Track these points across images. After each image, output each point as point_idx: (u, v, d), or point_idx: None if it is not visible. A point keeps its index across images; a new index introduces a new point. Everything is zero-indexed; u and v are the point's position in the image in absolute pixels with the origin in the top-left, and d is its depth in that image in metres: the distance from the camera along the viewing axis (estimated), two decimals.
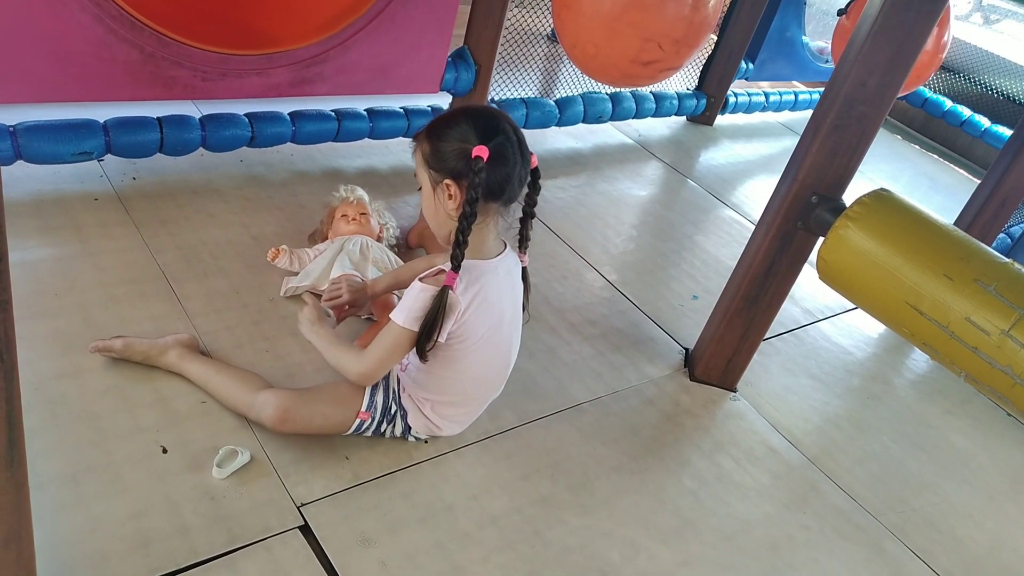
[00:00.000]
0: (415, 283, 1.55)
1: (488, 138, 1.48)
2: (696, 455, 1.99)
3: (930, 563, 1.88)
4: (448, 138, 1.51)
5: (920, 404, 2.48)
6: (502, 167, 1.50)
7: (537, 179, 1.60)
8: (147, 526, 1.42)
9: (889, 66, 1.76)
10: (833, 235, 1.79)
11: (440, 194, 1.54)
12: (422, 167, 1.57)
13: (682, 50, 2.38)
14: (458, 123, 1.52)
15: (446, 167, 1.51)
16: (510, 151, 1.50)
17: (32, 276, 1.88)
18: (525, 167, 1.55)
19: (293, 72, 2.43)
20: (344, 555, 1.48)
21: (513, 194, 1.56)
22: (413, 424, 1.71)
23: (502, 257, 1.63)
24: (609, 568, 1.62)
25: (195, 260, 2.10)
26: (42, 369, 1.65)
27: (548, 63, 4.25)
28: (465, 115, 1.54)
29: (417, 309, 1.52)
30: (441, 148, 1.51)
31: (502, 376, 1.77)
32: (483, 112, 1.57)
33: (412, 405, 1.70)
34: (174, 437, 1.60)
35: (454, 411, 1.73)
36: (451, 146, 1.50)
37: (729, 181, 3.63)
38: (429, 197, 1.58)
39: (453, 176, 1.50)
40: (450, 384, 1.67)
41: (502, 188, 1.52)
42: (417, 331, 1.53)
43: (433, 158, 1.53)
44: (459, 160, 1.49)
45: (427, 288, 1.52)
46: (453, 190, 1.51)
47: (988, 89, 4.88)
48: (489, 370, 1.71)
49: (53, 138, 2.10)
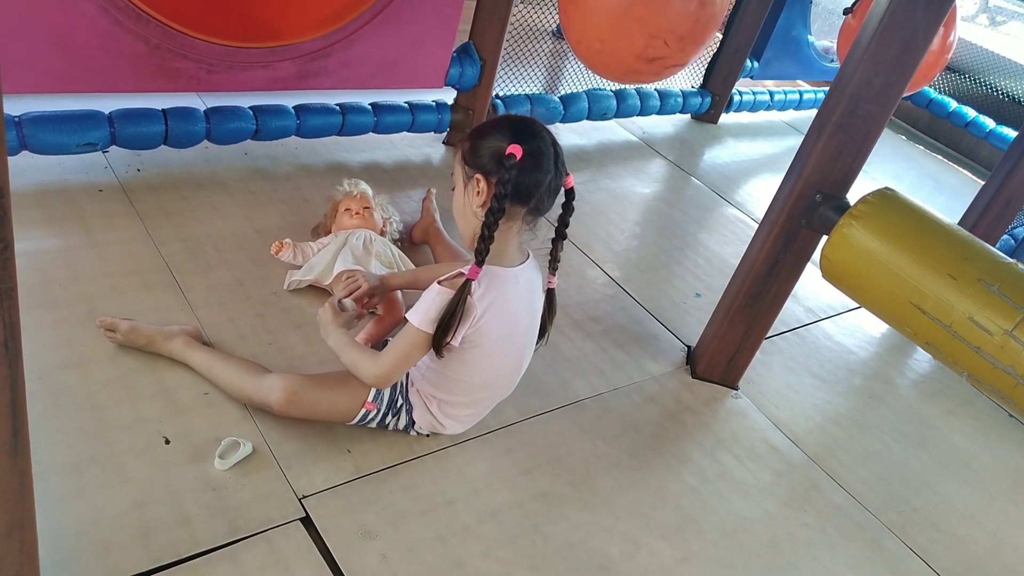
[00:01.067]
0: (433, 285, 1.54)
1: (524, 140, 1.48)
2: (697, 452, 1.99)
3: (930, 562, 1.88)
4: (488, 136, 1.52)
5: (922, 404, 2.48)
6: (534, 172, 1.50)
7: (571, 200, 1.61)
8: (149, 516, 1.43)
9: (895, 65, 1.76)
10: (837, 233, 1.79)
11: (470, 190, 1.54)
12: (459, 164, 1.58)
13: (688, 47, 2.37)
14: (500, 125, 1.54)
15: (480, 163, 1.52)
16: (545, 158, 1.51)
17: (36, 266, 1.89)
18: (558, 180, 1.55)
19: (298, 66, 2.43)
20: (345, 547, 1.48)
21: (542, 204, 1.56)
22: (418, 420, 1.72)
23: (524, 267, 1.63)
24: (609, 563, 1.63)
25: (199, 252, 2.10)
26: (46, 359, 1.66)
27: (553, 59, 4.25)
28: (509, 119, 1.57)
29: (434, 311, 1.52)
30: (479, 145, 1.52)
31: (511, 383, 1.78)
32: (527, 120, 1.58)
33: (419, 401, 1.71)
34: (176, 428, 1.61)
35: (460, 411, 1.74)
36: (489, 144, 1.51)
37: (733, 179, 3.63)
38: (460, 195, 1.58)
39: (484, 172, 1.51)
40: (458, 386, 1.67)
41: (530, 193, 1.51)
42: (431, 334, 1.53)
43: (470, 154, 1.54)
44: (493, 157, 1.49)
45: (444, 291, 1.52)
46: (482, 186, 1.51)
47: (993, 90, 4.87)
48: (498, 376, 1.72)
49: (58, 129, 2.10)
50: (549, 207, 1.59)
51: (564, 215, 1.63)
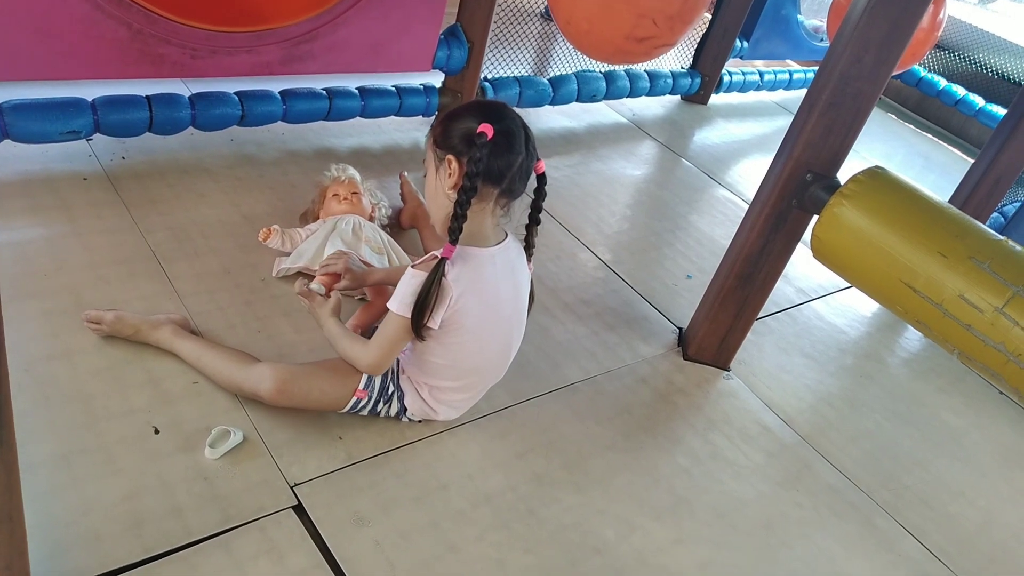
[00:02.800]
0: (408, 269, 1.55)
1: (495, 120, 1.48)
2: (689, 434, 1.99)
3: (922, 540, 1.89)
4: (458, 119, 1.52)
5: (913, 382, 2.48)
6: (506, 152, 1.49)
7: (543, 185, 1.61)
8: (140, 507, 1.42)
9: (885, 42, 1.75)
10: (827, 213, 1.78)
11: (441, 172, 1.54)
12: (430, 148, 1.58)
13: (676, 26, 2.36)
14: (471, 108, 1.54)
15: (451, 144, 1.51)
16: (516, 139, 1.51)
17: (21, 256, 1.86)
18: (529, 162, 1.55)
19: (283, 50, 2.40)
20: (338, 534, 1.48)
21: (514, 186, 1.55)
22: (409, 406, 1.71)
23: (501, 247, 1.62)
24: (603, 545, 1.63)
25: (186, 240, 2.08)
26: (32, 350, 1.64)
27: (542, 41, 4.22)
28: (480, 103, 1.59)
29: (409, 295, 1.52)
30: (450, 127, 1.52)
31: (501, 366, 1.77)
32: (498, 103, 1.58)
33: (410, 387, 1.70)
34: (166, 418, 1.60)
35: (451, 397, 1.73)
36: (459, 125, 1.51)
37: (723, 160, 3.62)
38: (432, 178, 1.58)
39: (455, 153, 1.50)
40: (446, 371, 1.67)
41: (502, 174, 1.51)
42: (409, 317, 1.52)
43: (442, 137, 1.54)
44: (463, 138, 1.49)
45: (419, 274, 1.52)
46: (453, 167, 1.51)
47: (983, 68, 4.86)
48: (485, 361, 1.71)
49: (41, 117, 2.07)
50: (522, 190, 1.58)
51: (536, 200, 1.63)
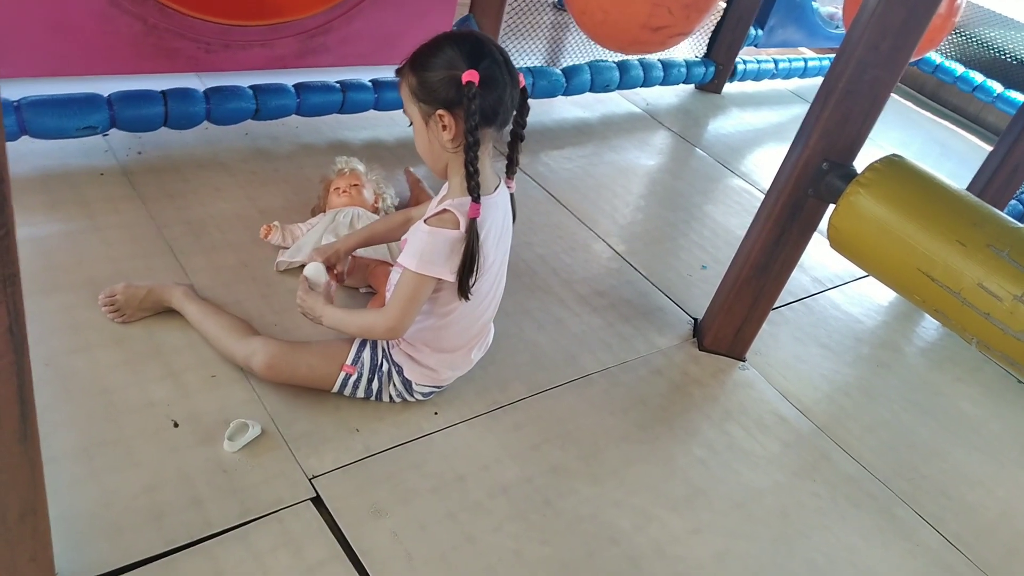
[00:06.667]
0: (419, 225, 1.54)
1: (476, 62, 1.45)
2: (706, 424, 1.99)
3: (940, 529, 1.88)
4: (434, 67, 1.48)
5: (930, 372, 2.47)
6: (493, 90, 1.48)
7: (525, 99, 1.58)
8: (160, 499, 1.43)
9: (902, 29, 1.73)
10: (844, 202, 1.77)
11: (433, 126, 1.52)
12: (411, 102, 1.53)
13: (692, 15, 2.34)
14: (442, 50, 1.48)
15: (437, 97, 1.48)
16: (499, 73, 1.48)
17: (40, 251, 1.88)
18: (515, 87, 1.53)
19: (297, 43, 2.41)
20: (356, 526, 1.49)
21: (506, 117, 1.54)
22: (412, 377, 1.70)
23: (499, 191, 1.62)
24: (620, 536, 1.63)
25: (202, 234, 2.09)
26: (54, 345, 1.66)
27: (554, 31, 4.20)
28: (449, 41, 1.50)
29: (429, 252, 1.51)
30: (428, 79, 1.48)
31: (493, 309, 1.77)
32: (467, 36, 1.53)
33: (405, 357, 1.69)
34: (185, 411, 1.61)
35: (452, 356, 1.73)
36: (438, 75, 1.47)
37: (738, 150, 3.60)
38: (421, 131, 1.55)
39: (445, 105, 1.48)
40: (438, 328, 1.66)
41: (495, 112, 1.50)
42: (432, 276, 1.53)
43: (421, 90, 1.50)
44: (449, 88, 1.46)
45: (436, 230, 1.51)
46: (447, 120, 1.49)
47: (1001, 54, 4.81)
48: (483, 303, 1.70)
49: (58, 113, 2.09)
50: (511, 116, 1.57)
51: (520, 116, 1.59)
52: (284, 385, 1.70)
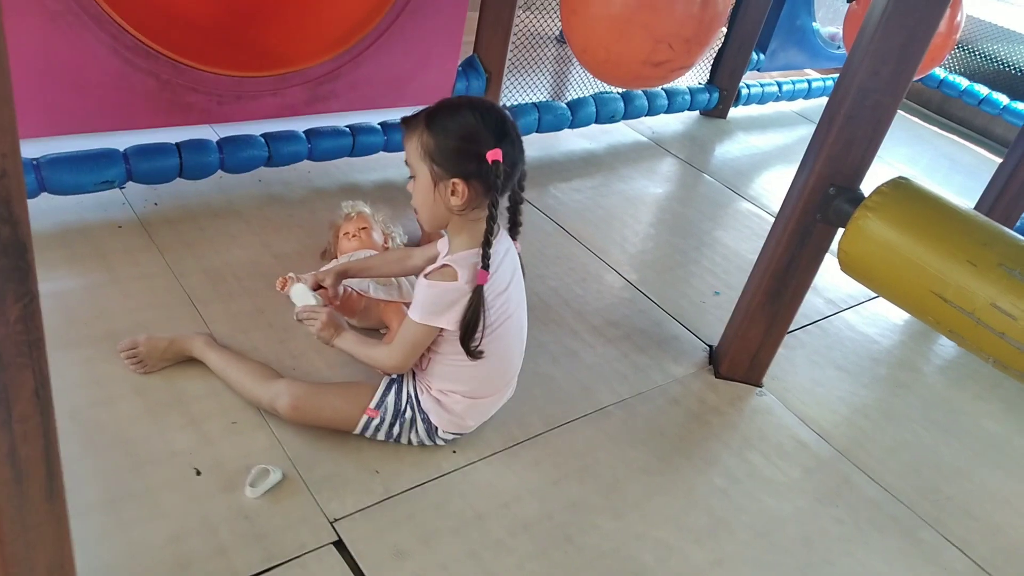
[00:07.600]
0: (420, 280, 1.60)
1: (499, 140, 1.50)
2: (725, 453, 1.98)
3: (967, 552, 1.86)
4: (455, 135, 1.51)
5: (949, 390, 2.45)
6: (513, 168, 1.55)
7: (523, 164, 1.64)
8: (186, 548, 1.45)
9: (902, 53, 1.75)
10: (853, 226, 1.78)
11: (442, 189, 1.54)
12: (421, 159, 1.54)
13: (693, 49, 2.37)
14: (464, 118, 1.51)
15: (455, 165, 1.51)
16: (516, 151, 1.56)
17: (61, 306, 1.92)
18: (523, 160, 1.59)
19: (307, 90, 2.46)
20: (379, 568, 1.49)
21: (512, 184, 1.61)
22: (439, 423, 1.72)
23: (499, 239, 1.65)
24: (643, 571, 1.63)
25: (219, 282, 2.13)
26: (76, 398, 1.69)
27: (558, 65, 4.25)
28: (472, 110, 1.53)
29: (429, 304, 1.57)
30: (448, 145, 1.51)
31: (521, 355, 1.80)
32: (489, 109, 1.56)
33: (434, 404, 1.71)
34: (207, 459, 1.63)
35: (482, 402, 1.75)
36: (460, 145, 1.51)
37: (745, 174, 3.62)
38: (426, 189, 1.56)
39: (463, 176, 1.51)
40: (474, 371, 1.67)
41: (508, 185, 1.57)
42: (432, 326, 1.59)
43: (439, 154, 1.52)
44: (470, 161, 1.50)
45: (434, 284, 1.57)
46: (460, 188, 1.52)
47: (1006, 66, 4.81)
48: (510, 351, 1.74)
49: (75, 169, 2.14)
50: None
51: (519, 180, 1.63)
52: (304, 428, 1.72)
